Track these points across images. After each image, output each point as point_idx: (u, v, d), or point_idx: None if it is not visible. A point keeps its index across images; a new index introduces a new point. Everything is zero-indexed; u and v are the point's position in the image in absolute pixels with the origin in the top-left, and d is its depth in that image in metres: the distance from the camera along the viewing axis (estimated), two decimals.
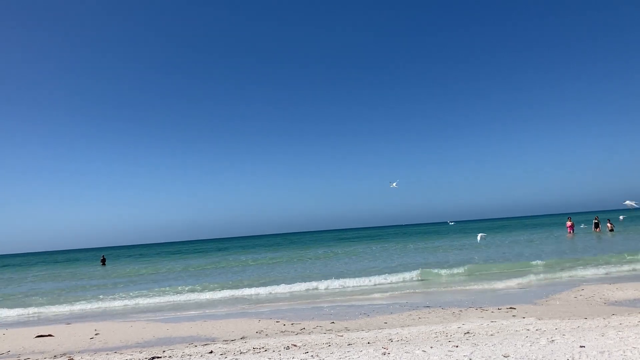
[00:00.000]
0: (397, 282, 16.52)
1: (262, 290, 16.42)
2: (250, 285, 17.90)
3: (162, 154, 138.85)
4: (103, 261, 43.33)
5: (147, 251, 79.56)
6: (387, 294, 14.02)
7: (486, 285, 14.29)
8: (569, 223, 34.74)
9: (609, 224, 34.43)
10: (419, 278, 16.99)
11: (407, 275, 17.24)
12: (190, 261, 38.90)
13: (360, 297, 14.00)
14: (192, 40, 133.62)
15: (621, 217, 23.51)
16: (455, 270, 17.67)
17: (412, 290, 14.31)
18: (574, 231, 34.32)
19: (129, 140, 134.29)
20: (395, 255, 28.91)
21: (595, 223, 35.07)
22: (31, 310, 15.67)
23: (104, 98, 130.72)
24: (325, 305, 12.85)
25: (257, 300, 14.78)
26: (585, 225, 36.64)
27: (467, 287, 14.31)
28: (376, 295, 14.02)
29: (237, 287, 17.82)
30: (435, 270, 17.78)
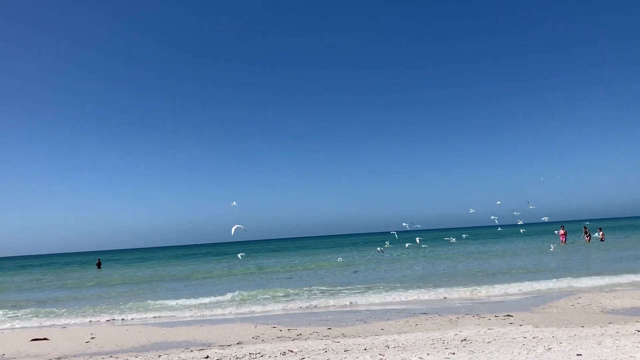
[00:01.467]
0: None
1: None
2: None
3: (162, 156, 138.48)
4: (98, 265, 43.13)
5: (146, 255, 79.18)
6: None
7: None
8: (561, 232, 34.37)
9: (600, 233, 34.21)
10: None
11: None
12: (189, 267, 38.56)
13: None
14: (193, 44, 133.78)
15: None
16: None
17: None
18: (566, 240, 33.89)
19: (129, 143, 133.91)
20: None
21: (585, 232, 34.70)
22: (26, 313, 15.57)
23: (103, 100, 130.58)
24: (322, 311, 12.82)
25: None
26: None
27: None
28: None
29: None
30: None
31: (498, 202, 24.91)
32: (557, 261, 22.78)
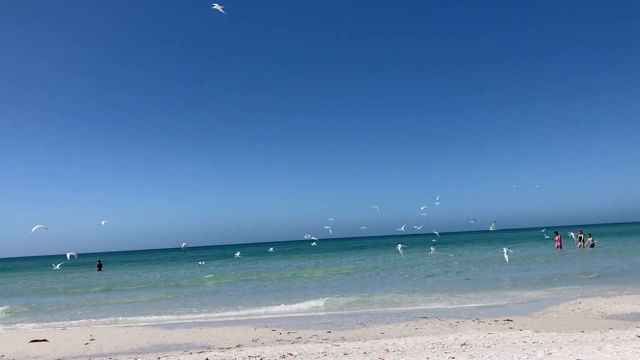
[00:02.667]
0: None
1: None
2: None
3: (163, 157, 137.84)
4: (99, 266, 43.05)
5: (146, 257, 79.05)
6: None
7: None
8: (557, 237, 34.38)
9: (590, 239, 34.12)
10: None
11: None
12: (193, 270, 38.18)
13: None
14: (193, 43, 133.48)
15: None
16: None
17: None
18: (562, 245, 33.80)
19: (129, 143, 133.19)
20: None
21: (579, 237, 34.56)
22: (25, 314, 15.58)
23: (103, 100, 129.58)
24: (322, 314, 12.81)
25: None
26: (573, 233, 35.81)
27: None
28: None
29: None
30: None
31: (437, 199, 25.26)
32: (555, 268, 22.74)
